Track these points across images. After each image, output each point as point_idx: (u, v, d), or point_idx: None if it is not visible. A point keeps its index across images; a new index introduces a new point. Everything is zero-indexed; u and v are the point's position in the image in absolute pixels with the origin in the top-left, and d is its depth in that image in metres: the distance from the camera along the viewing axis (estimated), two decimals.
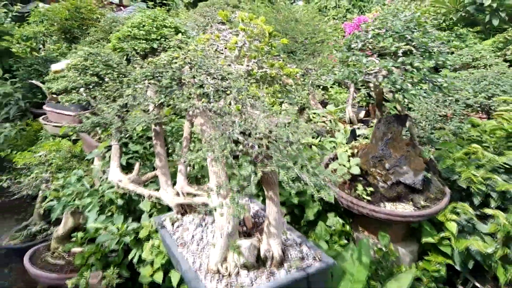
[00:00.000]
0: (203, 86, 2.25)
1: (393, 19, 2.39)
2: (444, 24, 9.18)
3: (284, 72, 3.41)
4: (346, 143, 3.11)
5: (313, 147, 3.02)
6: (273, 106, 3.25)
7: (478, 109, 3.64)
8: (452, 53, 7.14)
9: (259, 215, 2.39)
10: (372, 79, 2.36)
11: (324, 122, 4.81)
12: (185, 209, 2.41)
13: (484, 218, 2.66)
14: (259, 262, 1.95)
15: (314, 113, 4.76)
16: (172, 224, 2.34)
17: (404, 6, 9.49)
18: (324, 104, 5.05)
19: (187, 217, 2.38)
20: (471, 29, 8.77)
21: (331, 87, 5.88)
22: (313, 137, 3.86)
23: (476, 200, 2.53)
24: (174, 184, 2.47)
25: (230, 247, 1.88)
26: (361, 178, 2.63)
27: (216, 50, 3.27)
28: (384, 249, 2.59)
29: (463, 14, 8.91)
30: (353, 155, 2.77)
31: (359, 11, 11.92)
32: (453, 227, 2.45)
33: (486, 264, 2.51)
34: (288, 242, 2.14)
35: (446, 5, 9.02)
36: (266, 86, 3.47)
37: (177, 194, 2.39)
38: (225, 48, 3.33)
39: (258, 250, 1.95)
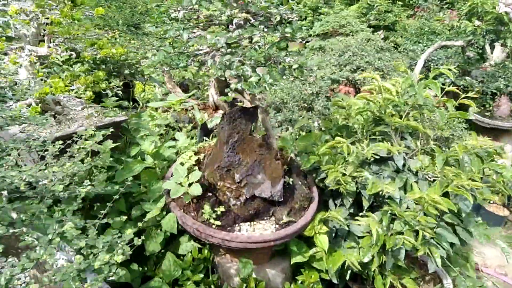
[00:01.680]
0: None
1: None
2: None
3: (103, 53, 2.53)
4: (196, 143, 2.43)
5: (148, 157, 2.26)
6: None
7: (345, 81, 3.29)
8: (320, 20, 6.97)
9: None
10: (201, 62, 1.67)
11: (185, 109, 4.07)
12: None
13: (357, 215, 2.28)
14: None
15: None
16: None
17: None
18: (184, 86, 4.29)
19: None
20: None
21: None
22: (160, 133, 3.09)
23: (347, 202, 2.11)
24: None
25: None
26: (210, 194, 1.98)
27: None
28: (247, 278, 2.04)
29: None
30: (199, 163, 2.10)
31: None
32: (323, 242, 1.99)
33: (364, 273, 2.14)
34: None
35: None
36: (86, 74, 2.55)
37: None
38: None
39: None
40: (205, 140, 2.36)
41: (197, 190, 1.80)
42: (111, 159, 2.37)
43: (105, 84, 2.54)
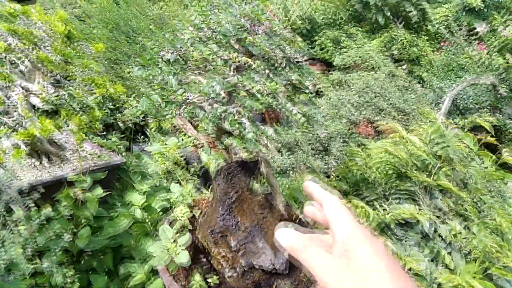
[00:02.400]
0: None
1: (223, 14, 1.50)
2: (334, 22, 8.89)
3: (99, 93, 2.36)
4: (196, 191, 2.18)
5: (138, 211, 2.02)
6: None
7: (366, 123, 3.00)
8: (341, 53, 6.78)
9: None
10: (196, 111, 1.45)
11: (196, 146, 3.88)
12: None
13: None
14: None
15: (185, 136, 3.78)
16: None
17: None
18: (197, 120, 4.10)
19: None
20: (360, 28, 8.63)
21: None
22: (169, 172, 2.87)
23: None
24: None
25: None
26: (204, 259, 1.71)
27: None
28: None
29: (351, 12, 8.72)
30: (194, 219, 1.84)
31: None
32: None
33: None
34: None
35: (335, 3, 8.73)
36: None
37: None
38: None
39: None
40: (203, 192, 2.11)
41: (184, 259, 1.53)
42: (102, 207, 2.15)
43: (100, 125, 2.36)
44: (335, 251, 0.47)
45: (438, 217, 1.85)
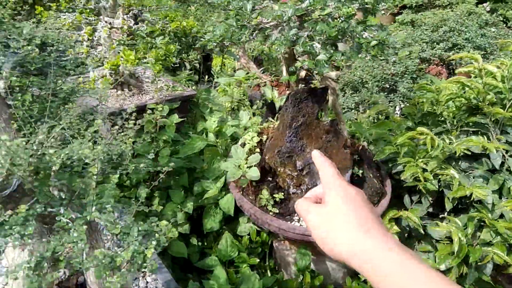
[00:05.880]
0: None
1: None
2: None
3: (173, 26, 2.50)
4: (261, 123, 2.31)
5: (211, 135, 2.20)
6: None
7: (437, 61, 2.87)
8: None
9: None
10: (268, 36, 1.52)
11: (258, 85, 3.97)
12: None
13: (437, 216, 2.00)
14: None
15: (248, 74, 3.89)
16: None
17: None
18: (259, 61, 4.17)
19: None
20: None
21: None
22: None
23: (426, 201, 1.84)
24: None
25: None
26: (270, 179, 1.87)
27: None
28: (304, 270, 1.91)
29: None
30: (261, 144, 1.99)
31: None
32: None
33: None
34: None
35: None
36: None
37: None
38: None
39: None
40: (270, 121, 2.22)
41: (255, 174, 1.69)
42: (177, 133, 2.37)
43: (175, 58, 2.53)
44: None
45: (507, 151, 1.82)
